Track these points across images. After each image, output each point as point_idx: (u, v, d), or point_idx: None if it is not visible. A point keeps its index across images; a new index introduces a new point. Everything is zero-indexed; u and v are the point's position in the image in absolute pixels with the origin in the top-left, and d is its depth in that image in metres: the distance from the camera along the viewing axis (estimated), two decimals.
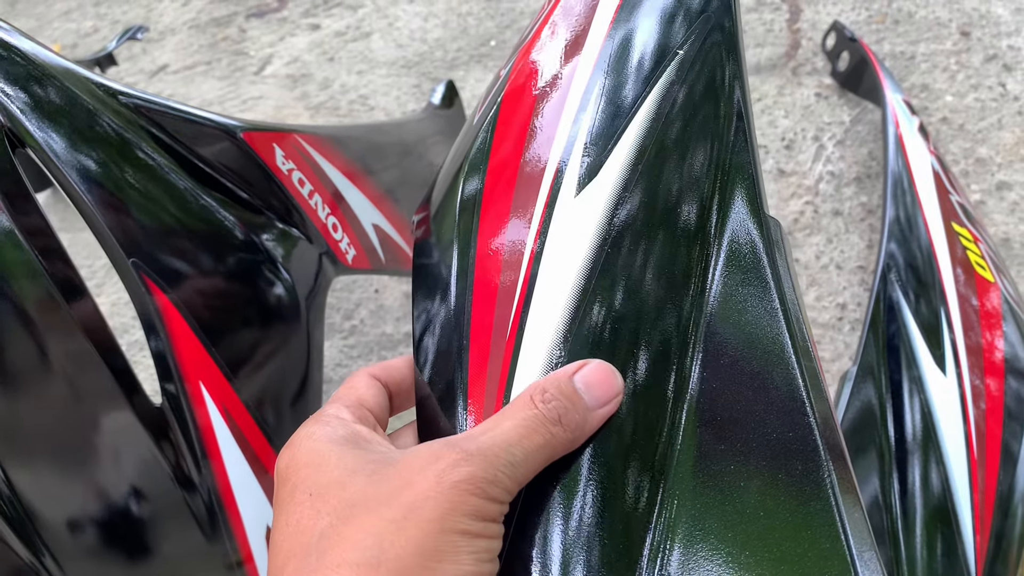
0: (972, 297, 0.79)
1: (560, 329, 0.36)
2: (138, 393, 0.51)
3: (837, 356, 0.94)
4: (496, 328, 0.37)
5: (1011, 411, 0.72)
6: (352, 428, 0.35)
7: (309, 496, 0.31)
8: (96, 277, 1.18)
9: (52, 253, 0.48)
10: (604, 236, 0.37)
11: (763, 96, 1.24)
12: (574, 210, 0.38)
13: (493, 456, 0.31)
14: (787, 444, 0.32)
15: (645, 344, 0.35)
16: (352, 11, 1.58)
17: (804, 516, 0.31)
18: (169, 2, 1.72)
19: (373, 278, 1.12)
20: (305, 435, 0.34)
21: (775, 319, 0.35)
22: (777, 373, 0.33)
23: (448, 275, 0.40)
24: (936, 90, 1.20)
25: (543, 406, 0.32)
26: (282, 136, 0.62)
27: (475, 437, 0.32)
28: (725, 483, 0.32)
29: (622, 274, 0.36)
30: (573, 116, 0.40)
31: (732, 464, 0.33)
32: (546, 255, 0.37)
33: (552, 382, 0.33)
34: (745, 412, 0.33)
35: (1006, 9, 1.28)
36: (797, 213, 1.08)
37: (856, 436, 0.66)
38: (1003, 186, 1.07)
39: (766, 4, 1.38)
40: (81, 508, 0.50)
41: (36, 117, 0.48)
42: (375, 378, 0.39)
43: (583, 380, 0.34)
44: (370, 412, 0.37)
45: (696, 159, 0.38)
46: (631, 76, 0.40)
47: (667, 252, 0.37)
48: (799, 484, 0.31)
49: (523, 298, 0.37)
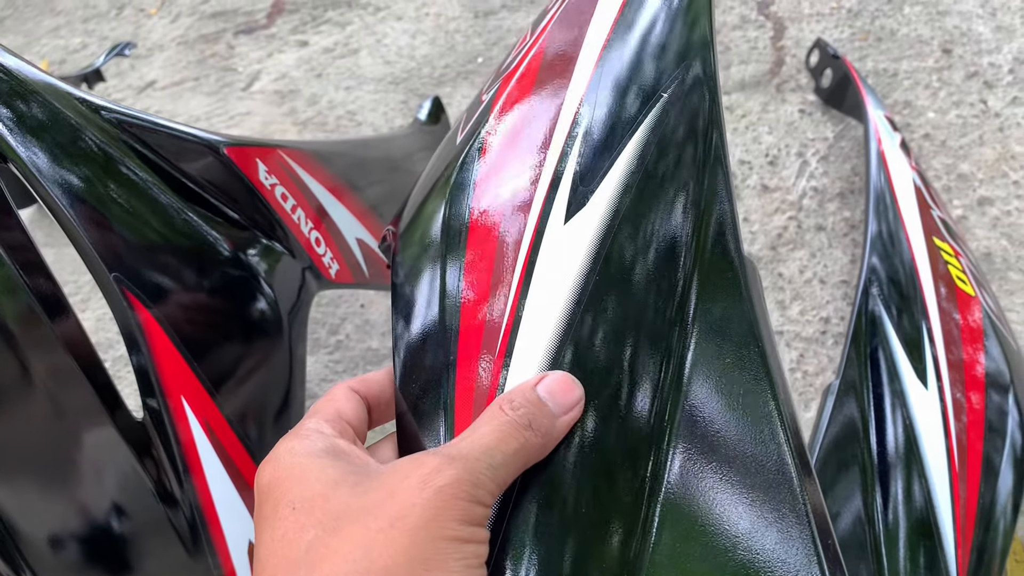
0: (954, 311, 0.80)
1: (547, 356, 0.37)
2: (120, 409, 0.51)
3: (821, 370, 0.94)
4: (484, 350, 0.38)
5: (992, 425, 0.72)
6: (332, 441, 0.35)
7: (292, 510, 0.31)
8: (81, 293, 1.18)
9: (34, 268, 0.48)
10: (592, 266, 0.38)
11: (747, 112, 1.25)
12: (564, 236, 0.39)
13: (474, 459, 0.32)
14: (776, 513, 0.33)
15: (628, 379, 0.37)
16: (340, 28, 1.59)
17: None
18: (158, 19, 1.72)
19: (359, 293, 1.13)
20: (285, 450, 0.34)
21: (753, 370, 0.36)
22: (758, 428, 0.35)
23: (432, 294, 0.41)
24: (918, 107, 1.21)
25: (513, 413, 0.34)
26: (265, 151, 0.62)
27: (454, 444, 0.33)
28: (708, 496, 0.34)
29: (608, 306, 0.37)
30: (560, 149, 0.40)
31: (714, 489, 0.34)
32: (535, 279, 0.38)
33: (518, 392, 0.35)
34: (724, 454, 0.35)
35: (986, 27, 1.30)
36: (781, 228, 1.09)
37: (839, 450, 0.66)
38: (984, 201, 1.08)
39: (751, 22, 1.40)
40: (62, 524, 0.50)
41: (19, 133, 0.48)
42: (354, 391, 0.39)
43: (546, 389, 0.35)
44: (349, 425, 0.37)
45: (677, 200, 0.40)
46: (618, 114, 0.41)
47: (648, 291, 0.38)
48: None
49: (512, 320, 0.38)
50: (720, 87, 0.43)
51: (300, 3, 1.67)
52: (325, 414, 0.37)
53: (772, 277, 1.04)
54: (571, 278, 0.38)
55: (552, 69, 0.44)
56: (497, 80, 0.47)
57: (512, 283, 0.38)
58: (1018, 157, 1.12)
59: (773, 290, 1.02)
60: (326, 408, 0.38)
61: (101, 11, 1.77)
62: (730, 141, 1.21)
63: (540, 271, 0.38)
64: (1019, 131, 1.15)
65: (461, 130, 0.46)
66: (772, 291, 1.02)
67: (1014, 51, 1.26)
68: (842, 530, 0.61)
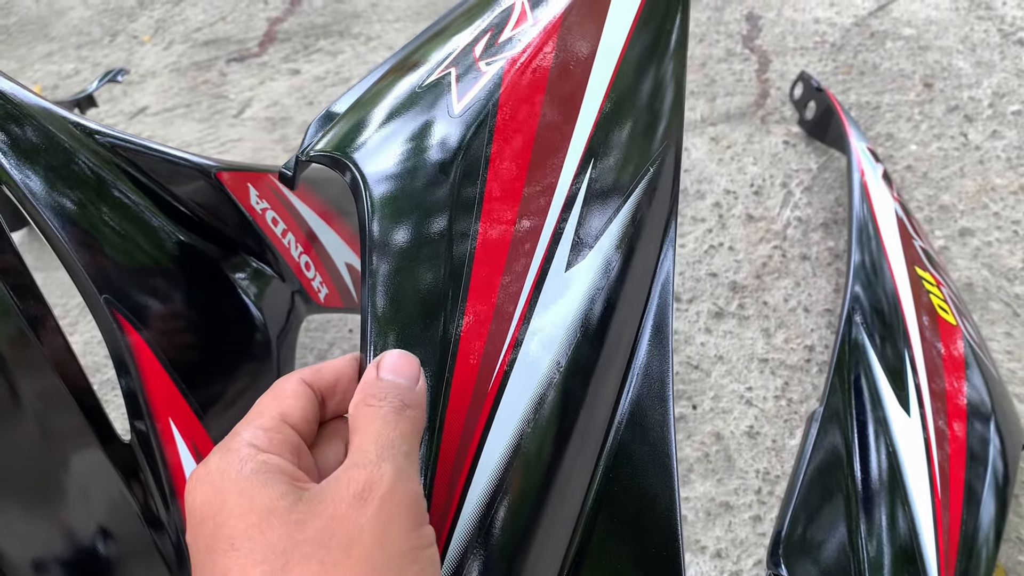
0: (936, 341, 0.81)
1: (530, 406, 0.40)
2: (108, 431, 0.51)
3: (805, 397, 0.95)
4: (480, 377, 0.39)
5: (974, 453, 0.73)
6: (263, 459, 0.32)
7: (232, 547, 0.30)
8: (69, 316, 1.17)
9: (25, 290, 0.48)
10: (582, 317, 0.42)
11: (732, 144, 1.27)
12: (563, 281, 0.42)
13: (392, 457, 0.32)
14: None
15: (582, 436, 0.41)
16: (332, 57, 1.60)
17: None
18: (151, 46, 1.73)
19: (347, 318, 1.13)
20: (216, 469, 0.32)
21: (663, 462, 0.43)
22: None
23: (434, 297, 0.40)
24: (900, 139, 1.23)
25: (383, 403, 0.34)
26: (257, 176, 0.63)
27: (364, 453, 0.32)
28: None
29: (586, 359, 0.42)
30: (563, 204, 0.44)
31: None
32: (536, 314, 0.41)
33: (370, 387, 0.35)
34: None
35: (967, 62, 1.32)
36: (766, 257, 1.10)
37: (822, 477, 0.66)
38: (965, 232, 1.10)
39: (736, 55, 1.42)
40: (47, 547, 0.50)
41: (13, 155, 0.49)
42: (307, 384, 0.37)
43: (389, 370, 0.36)
44: (293, 428, 0.35)
45: (647, 264, 0.46)
46: (616, 180, 0.46)
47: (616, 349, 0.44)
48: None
49: (511, 350, 0.40)
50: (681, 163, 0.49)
51: (292, 32, 1.69)
52: (264, 420, 0.35)
53: (757, 305, 1.05)
54: (566, 322, 0.42)
55: (561, 96, 0.45)
56: (498, 52, 0.47)
57: (515, 315, 0.41)
58: (998, 189, 1.14)
59: (758, 318, 1.03)
60: (268, 410, 0.35)
61: (95, 38, 1.78)
62: (716, 171, 1.23)
63: (542, 306, 0.42)
64: (999, 164, 1.17)
65: (457, 100, 0.46)
66: (757, 319, 1.03)
67: (993, 86, 1.28)
68: (826, 558, 0.62)
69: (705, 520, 0.87)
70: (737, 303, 1.06)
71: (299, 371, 0.38)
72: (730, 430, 0.93)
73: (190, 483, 0.33)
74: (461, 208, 0.42)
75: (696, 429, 0.94)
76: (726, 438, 0.93)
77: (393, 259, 0.41)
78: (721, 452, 0.92)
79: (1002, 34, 1.37)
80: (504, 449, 0.38)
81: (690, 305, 1.06)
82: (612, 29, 0.48)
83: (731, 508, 0.87)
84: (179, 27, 1.78)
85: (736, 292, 1.07)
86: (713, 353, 1.01)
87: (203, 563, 0.30)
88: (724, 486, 0.89)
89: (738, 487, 0.89)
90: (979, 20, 1.40)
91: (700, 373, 0.99)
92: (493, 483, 0.37)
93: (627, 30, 0.49)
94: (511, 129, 0.44)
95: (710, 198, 1.19)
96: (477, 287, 0.40)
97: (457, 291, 0.40)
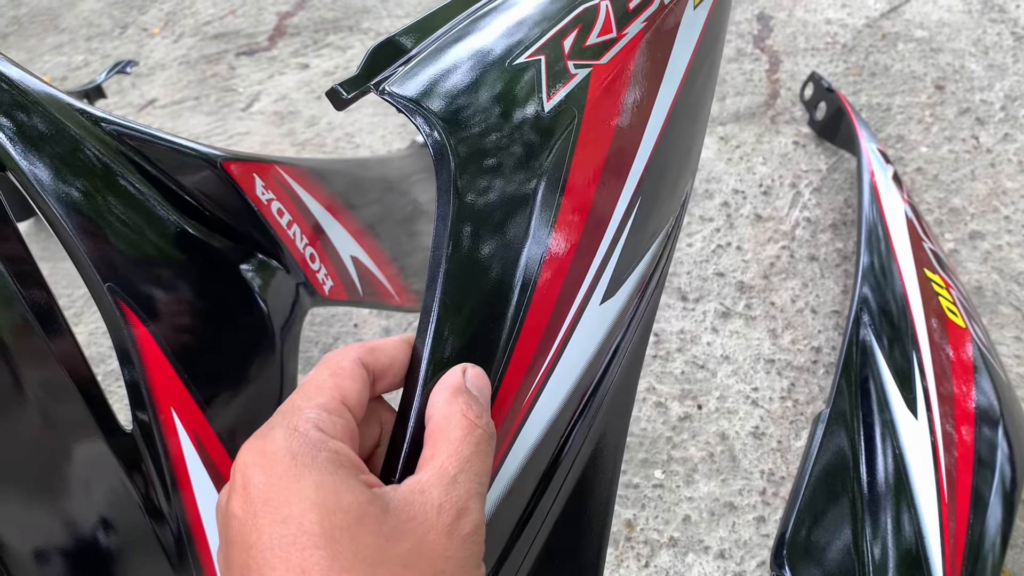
0: (945, 344, 0.80)
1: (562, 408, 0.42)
2: (111, 422, 0.50)
3: (811, 399, 0.94)
4: (515, 403, 0.39)
5: (982, 458, 0.72)
6: (332, 448, 0.31)
7: (314, 544, 0.28)
8: (74, 307, 1.17)
9: (30, 280, 0.48)
10: (605, 346, 0.45)
11: (742, 143, 1.26)
12: (596, 314, 0.44)
13: (474, 488, 0.31)
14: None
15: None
16: (341, 52, 1.60)
17: None
18: (160, 39, 1.73)
19: (352, 312, 1.13)
20: (274, 451, 0.30)
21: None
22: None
23: (502, 302, 0.39)
24: (911, 141, 1.22)
25: (479, 420, 0.33)
26: (263, 167, 0.63)
27: (454, 477, 0.31)
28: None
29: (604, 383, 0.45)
30: (610, 240, 0.45)
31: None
32: (574, 339, 0.43)
33: (465, 399, 0.34)
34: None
35: (979, 65, 1.31)
36: (773, 257, 1.10)
37: (828, 479, 0.66)
38: (976, 235, 1.09)
39: (747, 55, 1.41)
40: (49, 538, 0.50)
41: (19, 143, 0.48)
42: (362, 365, 0.35)
43: (474, 386, 0.35)
44: (352, 412, 0.33)
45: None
46: (652, 222, 0.48)
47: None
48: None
49: (540, 384, 0.41)
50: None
51: (302, 27, 1.69)
52: (327, 400, 0.32)
53: (764, 306, 1.04)
54: (592, 347, 0.44)
55: (627, 126, 0.46)
56: (586, 56, 0.44)
57: (561, 329, 0.42)
58: (1009, 192, 1.13)
59: (765, 319, 1.03)
60: (329, 389, 0.33)
61: (104, 30, 1.78)
62: (724, 171, 1.22)
63: (579, 334, 0.43)
64: (1010, 167, 1.16)
65: (547, 96, 0.43)
66: (764, 319, 1.03)
67: (1006, 89, 1.27)
68: (831, 560, 0.61)
69: (709, 520, 0.86)
70: (744, 303, 1.05)
71: (354, 347, 0.35)
72: (735, 430, 0.93)
73: (247, 455, 0.31)
74: (541, 215, 0.41)
75: (701, 429, 0.93)
76: (731, 438, 0.92)
77: (473, 250, 0.38)
78: (726, 452, 0.91)
79: (1015, 37, 1.36)
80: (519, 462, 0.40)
81: (697, 304, 1.06)
82: (672, 70, 0.48)
83: (735, 509, 0.87)
84: (189, 20, 1.78)
85: (743, 292, 1.06)
86: (719, 353, 1.00)
87: (265, 548, 0.28)
88: (728, 486, 0.89)
89: (743, 488, 0.88)
90: (992, 23, 1.39)
91: (706, 373, 0.98)
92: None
93: (683, 69, 0.49)
94: (590, 146, 0.43)
95: (719, 197, 1.19)
96: (537, 304, 0.40)
97: (522, 301, 0.39)
